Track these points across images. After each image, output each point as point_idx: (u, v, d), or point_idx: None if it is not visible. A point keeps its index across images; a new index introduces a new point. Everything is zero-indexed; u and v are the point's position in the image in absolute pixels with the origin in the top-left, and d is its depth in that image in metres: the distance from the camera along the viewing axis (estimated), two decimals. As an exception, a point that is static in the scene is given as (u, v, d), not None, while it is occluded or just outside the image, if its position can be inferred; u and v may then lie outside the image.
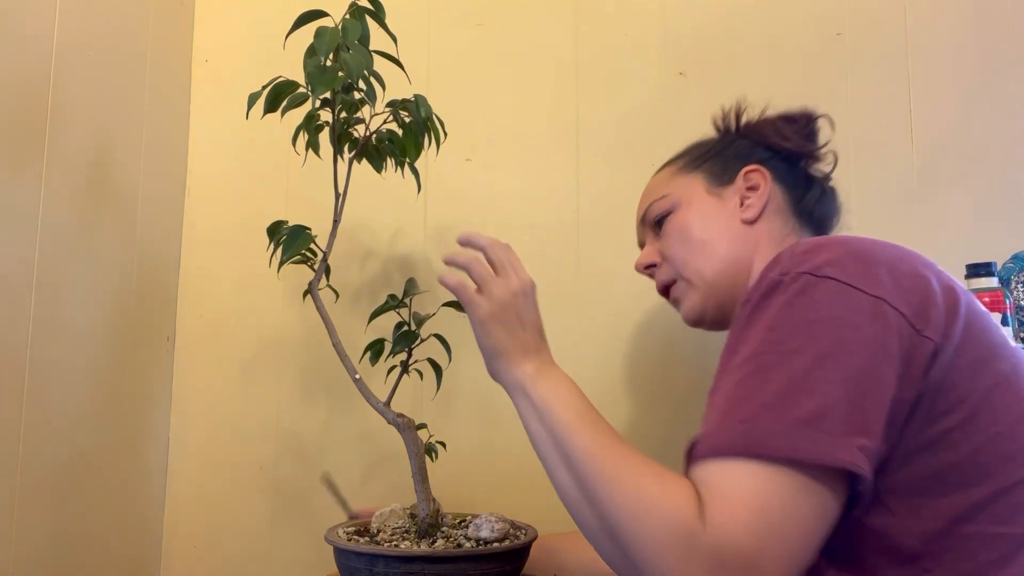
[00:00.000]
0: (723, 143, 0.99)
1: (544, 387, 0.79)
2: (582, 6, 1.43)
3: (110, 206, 1.28)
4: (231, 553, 1.41)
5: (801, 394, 0.62)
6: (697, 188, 0.96)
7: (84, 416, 1.21)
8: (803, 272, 0.67)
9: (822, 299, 0.66)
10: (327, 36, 1.00)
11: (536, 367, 0.82)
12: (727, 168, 0.96)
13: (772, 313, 0.67)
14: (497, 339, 0.82)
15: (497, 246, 0.86)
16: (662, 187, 0.99)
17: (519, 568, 1.04)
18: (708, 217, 0.94)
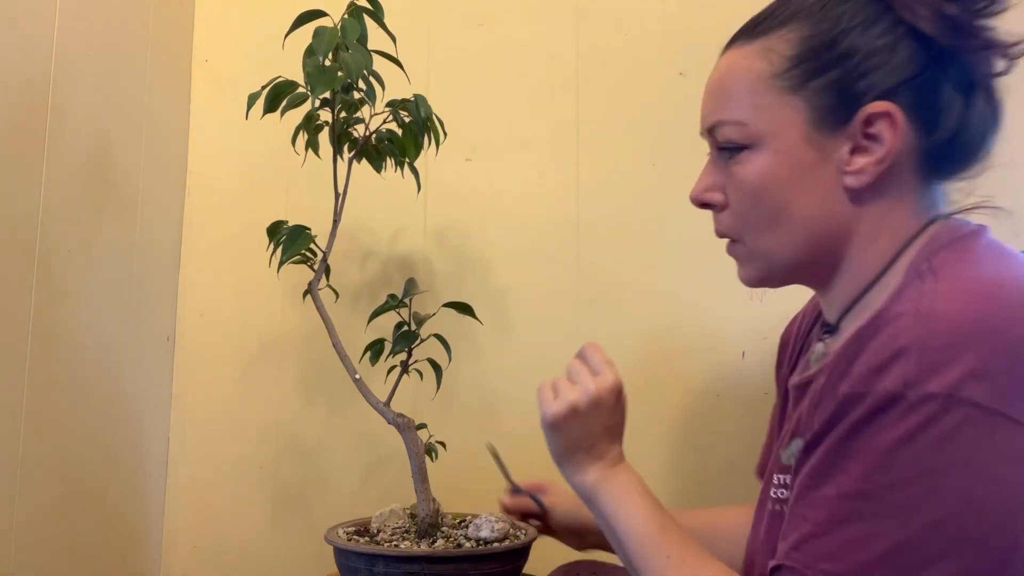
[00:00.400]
0: (851, 27, 0.65)
1: (604, 499, 0.75)
2: (582, 6, 1.43)
3: (110, 206, 1.28)
4: (231, 553, 1.41)
5: (911, 563, 0.52)
6: (793, 127, 0.66)
7: (84, 416, 1.21)
8: (934, 394, 0.52)
9: (954, 438, 0.52)
10: (326, 36, 1.00)
11: (599, 475, 0.76)
12: (845, 97, 0.64)
13: (887, 444, 0.53)
14: (556, 445, 0.78)
15: (587, 346, 0.82)
16: (742, 102, 0.68)
17: (519, 568, 1.04)
18: (798, 178, 0.67)
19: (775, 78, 0.67)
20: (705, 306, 1.31)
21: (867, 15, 0.65)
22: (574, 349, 1.40)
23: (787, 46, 0.66)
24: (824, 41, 0.65)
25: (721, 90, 0.71)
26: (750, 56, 0.68)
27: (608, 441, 0.77)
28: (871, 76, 0.64)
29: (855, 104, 0.64)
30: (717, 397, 1.29)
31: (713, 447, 1.28)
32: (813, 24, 0.66)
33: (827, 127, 0.65)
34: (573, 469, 0.77)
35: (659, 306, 1.33)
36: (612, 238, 1.37)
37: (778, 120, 0.67)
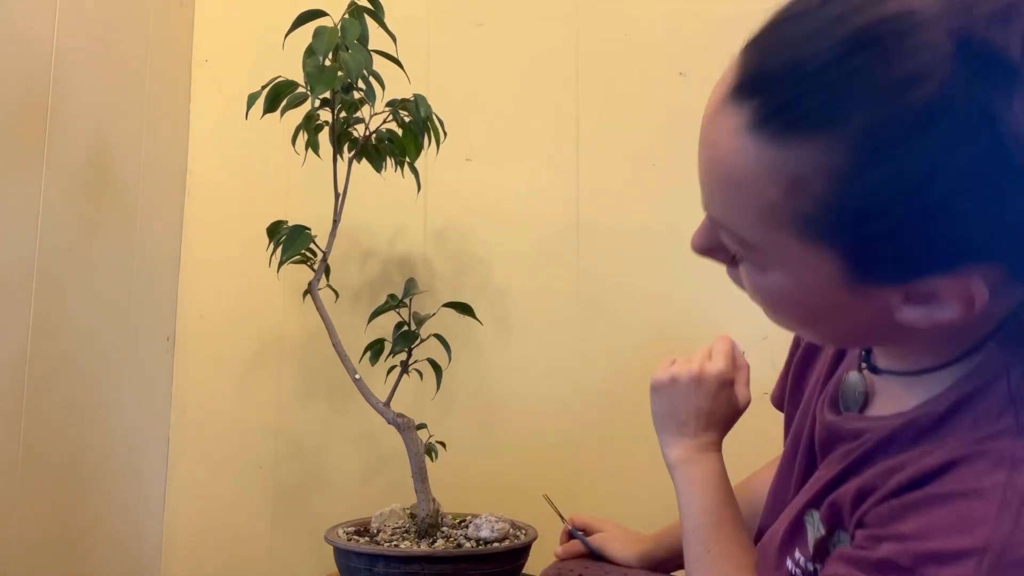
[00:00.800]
0: (924, 196, 0.42)
1: (679, 480, 0.77)
2: (582, 6, 1.43)
3: (110, 206, 1.28)
4: (231, 553, 1.41)
5: None
6: (818, 273, 0.48)
7: (84, 416, 1.21)
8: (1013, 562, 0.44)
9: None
10: (326, 36, 1.00)
11: (682, 454, 0.78)
12: (899, 259, 0.45)
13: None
14: (656, 411, 0.81)
15: (718, 336, 0.84)
16: (750, 224, 0.49)
17: (519, 568, 1.04)
18: (827, 310, 0.51)
19: (796, 219, 0.45)
20: (705, 306, 1.31)
21: (954, 159, 0.41)
22: (574, 349, 1.40)
23: (818, 181, 0.43)
24: (873, 188, 0.42)
25: (723, 187, 0.49)
26: (763, 168, 0.45)
27: (702, 425, 0.78)
28: (944, 248, 0.44)
29: (915, 272, 0.45)
30: (717, 397, 1.29)
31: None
32: (860, 154, 0.42)
33: (870, 282, 0.47)
34: (664, 440, 0.80)
35: (659, 306, 1.33)
36: (612, 238, 1.37)
37: (797, 260, 0.48)
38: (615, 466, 1.31)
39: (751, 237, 0.49)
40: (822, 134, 0.43)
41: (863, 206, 0.43)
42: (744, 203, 0.48)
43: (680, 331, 1.32)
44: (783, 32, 0.47)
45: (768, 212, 0.46)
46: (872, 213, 0.43)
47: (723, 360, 0.80)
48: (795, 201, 0.45)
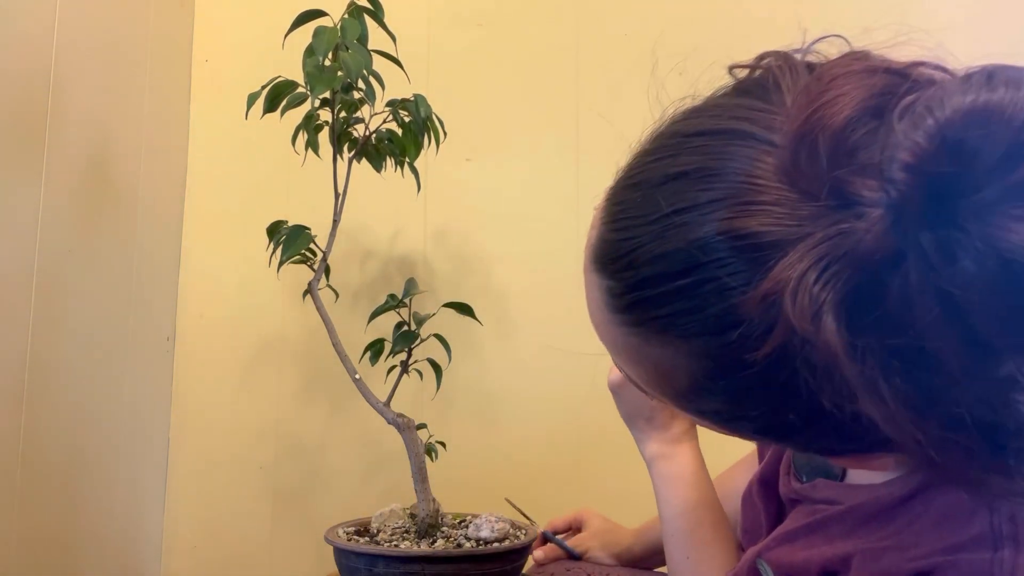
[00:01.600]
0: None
1: (657, 477, 0.77)
2: (582, 6, 1.43)
3: (110, 206, 1.28)
4: (231, 553, 1.41)
5: None
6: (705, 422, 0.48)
7: (84, 416, 1.21)
8: None
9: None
10: (326, 35, 1.00)
11: (657, 448, 0.77)
12: (797, 442, 0.47)
13: None
14: (623, 412, 0.81)
15: None
16: (629, 369, 0.50)
17: (519, 568, 1.04)
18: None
19: (679, 397, 0.46)
20: (705, 306, 1.31)
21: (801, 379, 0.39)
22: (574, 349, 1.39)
23: (681, 375, 0.44)
24: (739, 398, 0.43)
25: (602, 339, 0.52)
26: (629, 348, 0.47)
27: (668, 413, 0.77)
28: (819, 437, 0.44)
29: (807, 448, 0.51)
30: (717, 397, 1.29)
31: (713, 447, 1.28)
32: (712, 364, 0.42)
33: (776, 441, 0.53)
34: (637, 439, 0.79)
35: (659, 306, 1.33)
36: (612, 238, 1.37)
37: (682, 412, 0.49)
38: (615, 466, 1.31)
39: (648, 386, 0.49)
40: (670, 341, 0.43)
41: (733, 404, 0.43)
42: (630, 367, 0.49)
43: (680, 331, 1.32)
44: (629, 204, 0.46)
45: (652, 380, 0.47)
46: (741, 411, 0.43)
47: None
48: (669, 382, 0.45)
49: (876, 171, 0.34)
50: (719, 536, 0.72)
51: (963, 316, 0.33)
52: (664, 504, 0.75)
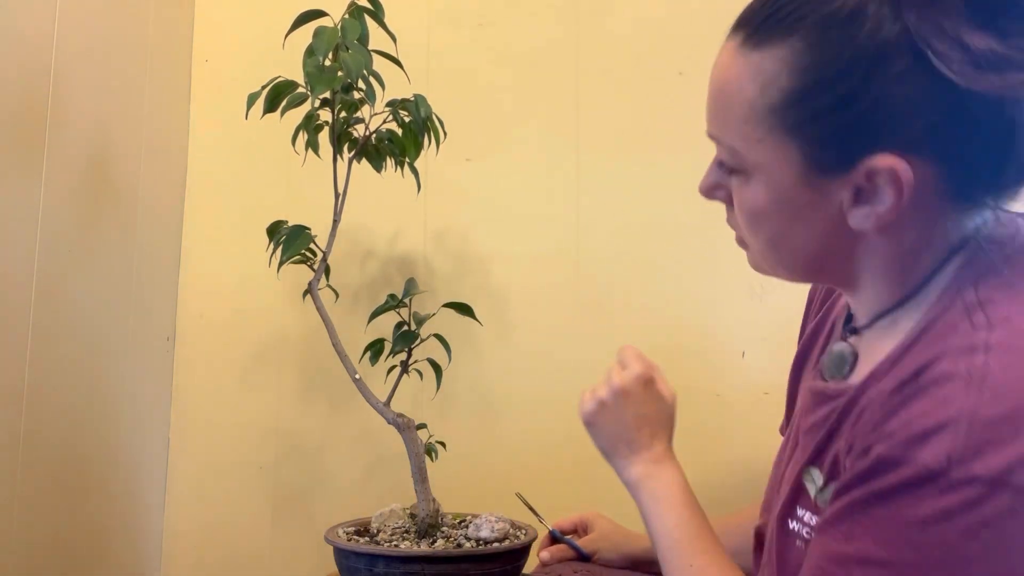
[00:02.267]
0: (861, 59, 0.54)
1: (644, 498, 0.76)
2: (582, 6, 1.43)
3: (110, 206, 1.28)
4: (231, 553, 1.41)
5: None
6: (786, 167, 0.59)
7: (84, 416, 1.21)
8: (981, 477, 0.48)
9: (996, 525, 0.47)
10: (326, 35, 1.00)
11: (642, 470, 0.77)
12: (845, 146, 0.56)
13: (920, 519, 0.49)
14: (600, 440, 0.81)
15: (621, 348, 0.85)
16: (732, 128, 0.61)
17: (519, 568, 1.04)
18: (794, 215, 0.61)
19: (769, 113, 0.58)
20: (705, 306, 1.31)
21: (876, 48, 0.53)
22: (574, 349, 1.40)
23: (784, 76, 0.57)
24: (825, 78, 0.55)
25: (719, 101, 0.63)
26: (745, 72, 0.59)
27: (647, 434, 0.78)
28: (877, 125, 0.55)
29: (855, 155, 0.56)
30: (717, 397, 1.29)
31: (713, 447, 1.28)
32: (815, 50, 0.55)
33: (825, 173, 0.58)
34: (619, 466, 0.79)
35: (659, 306, 1.33)
36: (612, 238, 1.37)
37: (771, 157, 0.59)
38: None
39: (736, 141, 0.61)
40: (787, 38, 0.57)
41: (815, 93, 0.56)
42: (732, 108, 0.61)
43: (679, 330, 1.32)
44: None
45: (749, 111, 0.59)
46: (821, 100, 0.56)
47: (635, 363, 0.82)
48: (767, 96, 0.58)
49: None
50: (716, 542, 0.73)
51: None
52: (658, 521, 0.75)
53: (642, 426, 0.79)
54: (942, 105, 0.53)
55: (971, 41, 0.51)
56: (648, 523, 0.76)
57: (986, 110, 0.53)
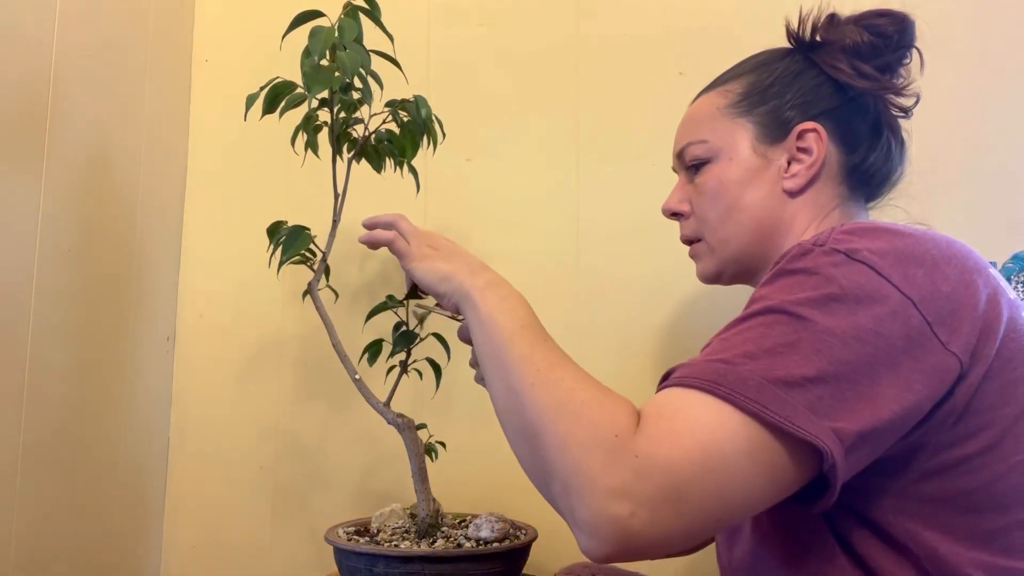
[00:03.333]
0: (785, 75, 0.85)
1: (491, 298, 0.75)
2: (582, 6, 1.43)
3: (110, 206, 1.28)
4: (231, 553, 1.41)
5: (793, 359, 0.59)
6: (743, 141, 0.85)
7: (84, 416, 1.22)
8: (838, 250, 0.64)
9: (848, 279, 0.62)
10: (322, 35, 1.00)
11: (485, 280, 0.77)
12: (781, 119, 0.84)
13: (794, 277, 0.64)
14: (442, 263, 0.82)
15: (399, 217, 0.93)
16: (705, 127, 0.87)
17: (519, 568, 1.04)
18: (747, 180, 0.84)
19: (729, 107, 0.87)
20: (705, 306, 1.31)
21: (798, 68, 0.86)
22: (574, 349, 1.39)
23: (739, 87, 0.87)
24: (766, 82, 0.86)
25: (690, 122, 0.91)
26: (711, 97, 0.89)
27: (477, 258, 0.83)
28: (801, 106, 0.84)
29: (790, 124, 0.84)
30: (717, 397, 1.29)
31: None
32: (758, 75, 0.87)
33: (769, 141, 0.84)
34: (461, 278, 0.78)
35: (659, 306, 1.33)
36: (612, 238, 1.37)
37: (731, 136, 0.86)
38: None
39: (705, 134, 0.87)
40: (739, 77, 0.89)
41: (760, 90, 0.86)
42: (703, 116, 0.89)
43: (680, 330, 1.32)
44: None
45: (715, 111, 0.87)
46: (765, 93, 0.85)
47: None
48: (727, 99, 0.87)
49: None
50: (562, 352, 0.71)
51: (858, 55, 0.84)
52: (502, 318, 0.72)
53: (469, 254, 0.84)
54: (837, 99, 0.84)
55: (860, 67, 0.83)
56: (487, 328, 0.72)
57: (864, 109, 0.84)
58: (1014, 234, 1.27)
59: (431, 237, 0.88)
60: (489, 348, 0.72)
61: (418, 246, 0.87)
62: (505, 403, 0.69)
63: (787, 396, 0.57)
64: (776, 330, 0.61)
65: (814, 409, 0.57)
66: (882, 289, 0.61)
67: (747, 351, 0.60)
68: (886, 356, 0.60)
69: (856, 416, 0.58)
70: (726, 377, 0.59)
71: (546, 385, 0.65)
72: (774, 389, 0.58)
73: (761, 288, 0.66)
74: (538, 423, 0.63)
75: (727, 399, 0.58)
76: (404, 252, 0.87)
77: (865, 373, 0.59)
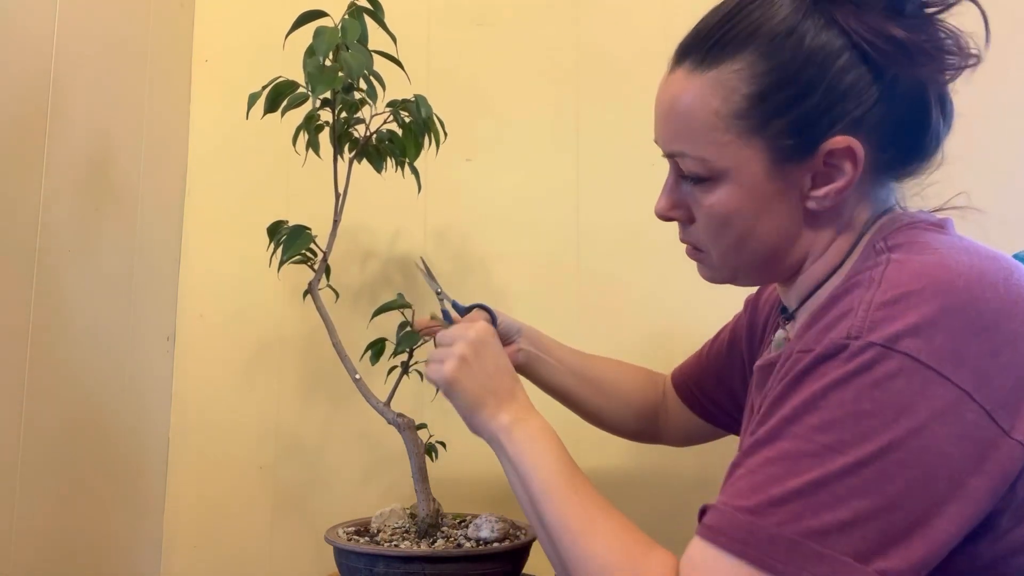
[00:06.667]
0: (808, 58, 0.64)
1: (519, 440, 0.75)
2: (582, 6, 1.43)
3: (110, 206, 1.28)
4: (231, 553, 1.41)
5: (825, 501, 0.53)
6: (755, 163, 0.67)
7: (84, 416, 1.21)
8: (874, 343, 0.55)
9: (887, 384, 0.54)
10: (326, 36, 1.00)
11: (511, 417, 0.77)
12: (805, 135, 0.65)
13: (823, 386, 0.56)
14: (468, 392, 0.79)
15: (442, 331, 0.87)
16: (701, 139, 0.68)
17: (519, 568, 1.04)
18: (761, 209, 0.68)
19: (734, 118, 0.66)
20: (705, 307, 1.31)
21: (818, 46, 0.64)
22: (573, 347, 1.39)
23: (743, 83, 0.66)
24: (781, 79, 0.65)
25: (678, 119, 0.70)
26: (705, 89, 0.67)
27: (509, 380, 0.80)
28: (830, 112, 0.65)
29: (816, 141, 0.65)
30: (717, 397, 1.29)
31: (712, 448, 1.28)
32: (767, 58, 0.65)
33: (789, 162, 0.66)
34: (483, 419, 0.78)
35: (659, 306, 1.33)
36: (612, 238, 1.37)
37: (740, 158, 0.67)
38: (614, 465, 1.31)
39: (704, 151, 0.68)
40: (739, 53, 0.66)
41: (775, 92, 0.65)
42: (697, 122, 0.68)
43: (680, 330, 1.32)
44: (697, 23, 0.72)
45: (715, 120, 0.67)
46: (781, 97, 0.65)
47: (473, 323, 0.84)
48: (731, 103, 0.66)
49: None
50: (591, 487, 0.71)
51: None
52: (538, 459, 0.73)
53: (503, 375, 0.80)
54: (875, 91, 0.65)
55: (891, 31, 0.63)
56: (520, 468, 0.73)
57: (906, 93, 0.66)
58: (1014, 235, 1.27)
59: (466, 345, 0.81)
60: (521, 491, 0.74)
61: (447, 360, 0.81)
62: (541, 538, 0.72)
63: (823, 549, 0.52)
64: (803, 464, 0.54)
65: (857, 554, 0.52)
66: (928, 388, 0.53)
67: (773, 496, 0.54)
68: (937, 473, 0.53)
69: (906, 551, 0.52)
70: (755, 536, 0.54)
71: (581, 543, 0.65)
72: (808, 544, 0.53)
73: (788, 392, 0.58)
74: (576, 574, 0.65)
75: (758, 564, 0.54)
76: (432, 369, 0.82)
77: (913, 499, 0.52)
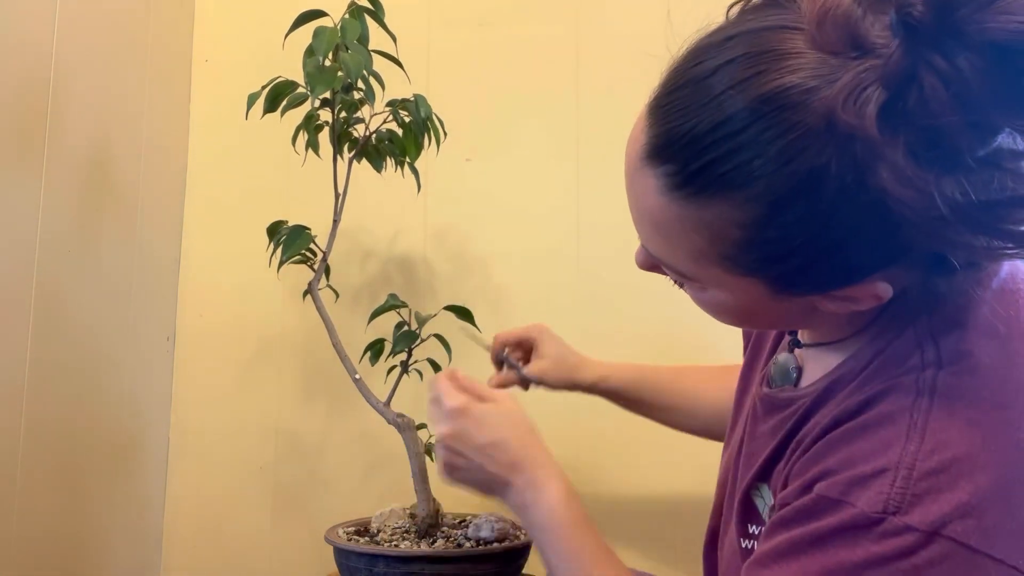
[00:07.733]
0: (819, 223, 0.49)
1: (529, 526, 0.73)
2: (582, 6, 1.43)
3: (110, 206, 1.28)
4: (231, 553, 1.41)
5: None
6: (752, 292, 0.55)
7: (84, 416, 1.21)
8: (913, 527, 0.48)
9: (928, 571, 0.48)
10: (326, 36, 1.00)
11: (517, 500, 0.74)
12: (815, 282, 0.53)
13: (855, 562, 0.49)
14: (472, 484, 0.77)
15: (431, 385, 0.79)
16: (686, 262, 0.56)
17: (519, 568, 1.04)
18: (764, 310, 0.58)
19: (722, 258, 0.53)
20: (705, 306, 1.31)
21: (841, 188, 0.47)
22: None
23: (734, 229, 0.51)
24: (784, 235, 0.50)
25: (655, 232, 0.56)
26: (686, 224, 0.52)
27: (505, 464, 0.74)
28: (846, 263, 0.51)
29: (827, 287, 0.53)
30: (717, 397, 1.29)
31: (712, 449, 1.28)
32: (774, 205, 0.49)
33: (799, 293, 0.54)
34: (500, 499, 0.75)
35: (659, 306, 1.33)
36: (612, 238, 1.37)
37: (731, 285, 0.55)
38: (614, 466, 1.31)
39: (687, 271, 0.57)
40: (730, 194, 0.50)
41: (775, 246, 0.51)
42: (676, 247, 0.55)
43: (680, 331, 1.32)
44: (680, 100, 0.54)
45: (697, 254, 0.54)
46: (783, 250, 0.51)
47: (446, 399, 0.76)
48: (719, 247, 0.52)
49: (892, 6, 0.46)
50: (610, 553, 0.70)
51: (965, 102, 0.44)
52: (549, 549, 0.72)
53: (492, 459, 0.74)
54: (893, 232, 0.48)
55: (940, 187, 0.46)
56: (538, 548, 0.73)
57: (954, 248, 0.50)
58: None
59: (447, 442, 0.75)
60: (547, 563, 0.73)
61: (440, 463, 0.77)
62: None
63: None
64: None
65: None
66: (976, 572, 0.48)
67: None
68: None
69: None
70: None
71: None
72: None
73: (812, 544, 0.51)
74: None
75: None
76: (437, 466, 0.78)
77: None
